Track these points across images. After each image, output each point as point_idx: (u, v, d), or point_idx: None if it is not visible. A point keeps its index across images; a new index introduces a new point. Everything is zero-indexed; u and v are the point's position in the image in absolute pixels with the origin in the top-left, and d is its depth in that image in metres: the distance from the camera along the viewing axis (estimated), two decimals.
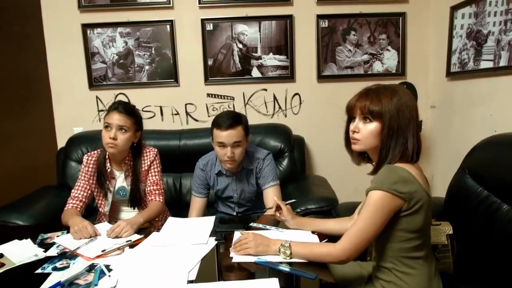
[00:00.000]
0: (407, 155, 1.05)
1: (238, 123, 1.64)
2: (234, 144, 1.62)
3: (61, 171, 2.29)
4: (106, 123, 1.54)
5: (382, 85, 1.13)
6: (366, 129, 1.08)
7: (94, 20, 2.38)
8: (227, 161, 1.65)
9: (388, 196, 1.00)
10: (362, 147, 1.11)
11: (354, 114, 1.12)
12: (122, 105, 1.58)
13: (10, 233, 1.53)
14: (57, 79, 2.47)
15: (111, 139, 1.51)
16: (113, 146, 1.52)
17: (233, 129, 1.61)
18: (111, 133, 1.51)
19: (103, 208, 1.65)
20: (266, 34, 2.44)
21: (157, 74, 2.45)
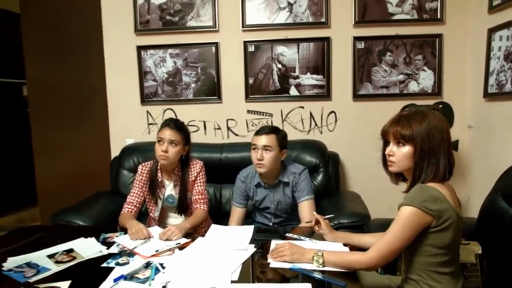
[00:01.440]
0: (439, 175, 1.14)
1: (272, 132, 1.81)
2: (264, 148, 1.78)
3: (115, 178, 2.52)
4: (159, 137, 1.74)
5: (413, 110, 1.23)
6: (400, 152, 1.18)
7: (147, 42, 2.64)
8: (257, 164, 1.81)
9: (418, 212, 1.09)
10: (397, 169, 1.22)
11: (388, 139, 1.22)
12: (173, 122, 1.77)
13: (74, 232, 1.76)
14: (113, 94, 2.74)
15: (163, 152, 1.70)
16: (165, 158, 1.71)
17: (267, 135, 1.79)
18: (163, 147, 1.70)
19: (153, 213, 1.84)
20: (304, 55, 2.57)
21: (202, 91, 2.65)
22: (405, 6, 2.50)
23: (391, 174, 1.28)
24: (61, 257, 1.36)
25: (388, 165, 1.24)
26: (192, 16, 2.59)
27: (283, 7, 2.54)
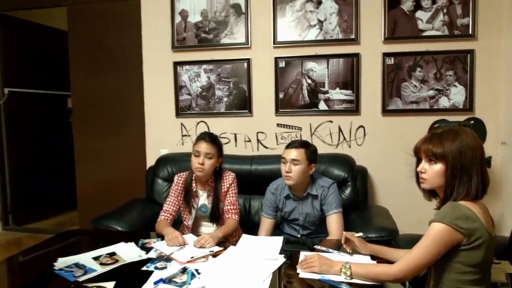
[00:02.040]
0: (471, 193, 1.16)
1: (302, 146, 1.88)
2: (292, 161, 1.84)
3: (150, 186, 2.65)
4: (195, 151, 1.84)
5: (446, 128, 1.26)
6: (432, 170, 1.22)
7: (183, 58, 2.79)
8: (285, 176, 1.87)
9: (449, 230, 1.12)
10: (429, 186, 1.25)
11: (421, 156, 1.26)
12: (208, 136, 1.88)
13: (114, 236, 1.88)
14: (150, 107, 2.90)
15: (200, 165, 1.80)
16: (201, 170, 1.81)
17: (295, 149, 1.86)
18: (199, 159, 1.81)
19: (187, 221, 1.94)
20: (334, 70, 2.63)
21: (234, 105, 2.76)
22: (435, 23, 2.51)
23: (424, 190, 1.31)
24: (105, 259, 1.48)
25: (420, 182, 1.28)
26: (226, 33, 2.72)
27: (313, 24, 2.62)
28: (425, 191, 1.31)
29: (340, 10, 2.58)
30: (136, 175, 3.03)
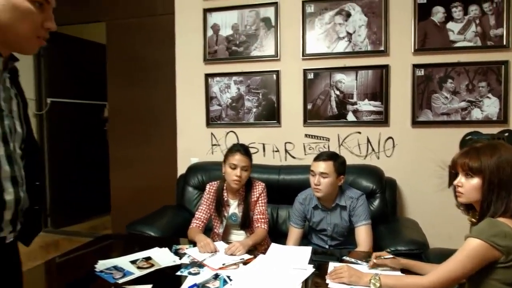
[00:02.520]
0: (510, 209, 1.15)
1: (331, 158, 1.89)
2: (321, 174, 1.86)
3: (181, 193, 2.74)
4: (232, 164, 1.90)
5: (485, 143, 1.26)
6: (468, 183, 1.22)
7: (214, 70, 2.89)
8: (314, 189, 1.89)
9: (485, 246, 1.11)
10: (465, 200, 1.25)
11: (457, 170, 1.26)
12: (244, 149, 1.94)
13: (148, 241, 1.97)
14: (182, 117, 3.01)
15: (237, 177, 1.87)
16: (238, 182, 1.89)
17: (324, 161, 1.88)
18: (237, 172, 1.88)
19: (218, 229, 2.00)
20: (362, 82, 2.65)
21: (262, 115, 2.83)
22: (467, 34, 2.49)
23: (461, 205, 1.31)
24: (142, 263, 1.55)
25: (457, 196, 1.28)
26: (255, 46, 2.80)
27: (342, 36, 2.65)
28: (462, 205, 1.31)
29: (369, 22, 2.60)
30: (167, 183, 3.13)
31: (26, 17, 0.87)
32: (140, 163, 3.39)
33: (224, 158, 1.98)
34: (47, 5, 0.91)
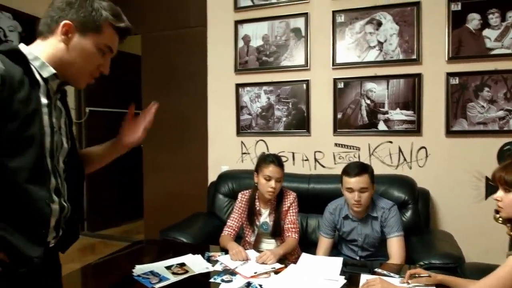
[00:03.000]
0: None
1: (364, 171, 1.88)
2: (361, 190, 1.85)
3: (211, 201, 2.80)
4: (267, 176, 1.93)
5: None
6: (507, 198, 1.20)
7: (245, 80, 2.95)
8: (354, 205, 1.88)
9: None
10: (506, 215, 1.23)
11: (497, 184, 1.24)
12: (278, 160, 1.97)
13: (181, 247, 2.03)
14: (213, 125, 3.09)
15: (272, 189, 1.90)
16: (272, 194, 1.92)
17: (360, 176, 1.85)
18: (272, 184, 1.91)
19: (249, 237, 2.04)
20: (394, 91, 2.62)
21: (292, 125, 2.85)
22: (505, 41, 2.41)
23: (504, 220, 1.28)
24: (176, 269, 1.61)
25: (497, 210, 1.25)
26: (285, 56, 2.84)
27: (373, 45, 2.64)
28: (505, 220, 1.28)
29: (401, 31, 2.58)
30: (197, 189, 3.21)
31: (89, 59, 1.01)
32: (172, 170, 3.49)
33: (257, 168, 2.01)
34: (109, 54, 1.05)
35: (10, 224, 0.87)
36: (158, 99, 3.53)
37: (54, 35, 0.98)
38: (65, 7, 0.97)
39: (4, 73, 0.83)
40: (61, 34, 0.97)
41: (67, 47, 0.98)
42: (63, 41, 0.97)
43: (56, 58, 0.98)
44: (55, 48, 0.98)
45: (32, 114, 0.89)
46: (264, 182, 1.93)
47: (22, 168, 0.87)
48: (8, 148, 0.85)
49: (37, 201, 0.91)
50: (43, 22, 1.00)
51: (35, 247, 0.92)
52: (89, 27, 0.98)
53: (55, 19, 0.97)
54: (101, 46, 1.01)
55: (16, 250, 0.88)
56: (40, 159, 0.91)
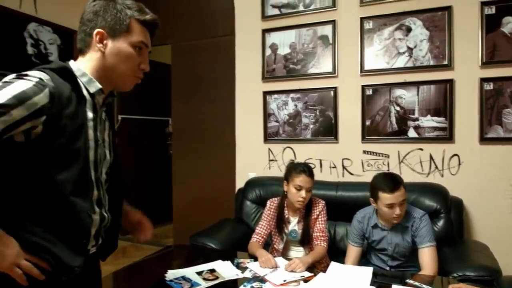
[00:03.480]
0: None
1: (399, 183, 1.84)
2: (401, 202, 1.82)
3: (239, 207, 2.84)
4: (297, 185, 1.93)
5: None
6: None
7: (272, 88, 2.98)
8: (395, 218, 1.84)
9: None
10: None
11: None
12: (308, 170, 1.97)
13: (210, 253, 2.07)
14: (241, 132, 3.13)
15: (302, 198, 1.91)
16: (302, 203, 1.93)
17: (398, 190, 1.81)
18: (302, 194, 1.91)
19: (277, 245, 2.05)
20: (424, 97, 2.57)
21: (320, 132, 2.85)
22: None
23: None
24: (207, 275, 1.64)
25: None
26: (313, 64, 2.85)
27: (402, 52, 2.61)
28: None
29: (431, 36, 2.53)
30: (225, 195, 3.26)
31: (128, 60, 1.03)
32: (200, 176, 3.56)
33: (287, 176, 2.01)
34: (145, 49, 1.07)
35: (53, 234, 0.91)
36: (187, 106, 3.66)
37: (91, 47, 1.02)
38: (93, 17, 1.01)
39: (53, 90, 0.87)
40: (97, 43, 1.00)
41: (105, 55, 1.01)
42: (100, 50, 1.01)
43: (99, 68, 1.02)
44: (95, 59, 1.02)
45: (78, 129, 0.93)
46: (295, 191, 1.93)
47: (67, 180, 0.91)
48: (55, 161, 0.90)
49: (80, 213, 0.95)
50: (79, 39, 1.04)
51: (76, 256, 0.96)
52: (118, 29, 1.01)
53: (88, 32, 1.01)
54: (135, 44, 1.03)
55: (58, 260, 0.92)
56: (85, 172, 0.96)
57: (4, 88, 0.81)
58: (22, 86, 0.83)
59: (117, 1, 1.02)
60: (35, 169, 0.88)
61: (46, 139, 0.87)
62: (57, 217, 0.92)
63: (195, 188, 3.60)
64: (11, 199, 0.88)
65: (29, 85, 0.84)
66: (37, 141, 0.87)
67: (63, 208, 0.92)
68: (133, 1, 1.05)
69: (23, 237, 0.87)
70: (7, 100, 0.79)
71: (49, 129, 0.87)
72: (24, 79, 0.85)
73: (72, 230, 0.95)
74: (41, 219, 0.90)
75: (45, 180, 0.89)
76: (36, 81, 0.85)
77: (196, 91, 3.55)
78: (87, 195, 0.98)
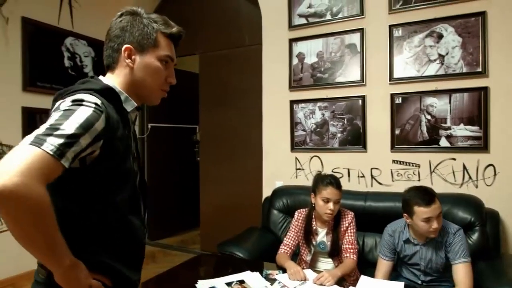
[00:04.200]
0: None
1: (434, 195, 1.80)
2: (438, 215, 1.77)
3: (266, 216, 2.84)
4: (325, 198, 1.92)
5: None
6: None
7: (299, 97, 2.98)
8: (432, 232, 1.78)
9: None
10: None
11: None
12: (336, 182, 1.96)
13: (238, 263, 2.09)
14: (268, 141, 3.15)
15: (331, 211, 1.90)
16: (331, 215, 1.92)
17: (434, 203, 1.76)
18: (330, 206, 1.90)
19: (306, 256, 2.04)
20: (457, 105, 2.50)
21: (347, 141, 2.82)
22: None
23: None
24: (236, 286, 1.66)
25: None
26: (340, 72, 2.83)
27: (433, 59, 2.55)
28: None
29: (464, 43, 2.47)
30: (252, 203, 3.28)
31: (155, 74, 1.03)
32: (227, 182, 3.61)
33: (314, 189, 2.00)
34: (171, 63, 1.07)
35: (115, 252, 0.94)
36: (214, 114, 3.72)
37: (119, 63, 1.01)
38: (120, 33, 1.00)
39: (107, 115, 0.87)
40: (125, 59, 1.00)
41: (133, 70, 1.01)
42: (128, 66, 1.00)
43: (128, 84, 1.01)
44: (124, 75, 1.01)
45: (126, 149, 0.95)
46: (322, 203, 1.93)
47: (124, 200, 0.94)
48: (112, 183, 0.92)
49: (138, 230, 0.99)
50: (106, 55, 1.03)
51: (135, 271, 1.00)
52: (146, 44, 1.00)
53: (115, 48, 1.01)
54: (162, 58, 1.02)
55: (122, 276, 0.95)
56: (135, 190, 0.99)
57: (69, 117, 0.80)
58: (84, 113, 0.82)
59: (143, 16, 1.02)
60: (93, 193, 0.90)
61: (101, 163, 0.88)
62: (118, 236, 0.95)
63: (222, 195, 3.65)
64: (73, 224, 0.89)
65: (90, 111, 0.83)
66: (92, 165, 0.87)
67: (123, 227, 0.95)
68: (158, 15, 1.05)
69: (86, 257, 0.88)
70: (76, 130, 0.78)
71: (104, 153, 0.87)
72: (83, 106, 0.84)
73: (132, 247, 0.99)
74: (103, 239, 0.93)
75: (104, 202, 0.91)
76: (94, 107, 0.85)
77: (223, 100, 3.60)
78: (139, 212, 1.02)
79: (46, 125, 0.78)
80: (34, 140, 0.74)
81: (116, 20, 1.02)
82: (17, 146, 0.73)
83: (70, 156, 0.77)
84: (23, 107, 2.96)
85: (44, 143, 0.73)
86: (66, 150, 0.76)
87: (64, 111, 0.82)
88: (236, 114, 3.51)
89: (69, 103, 0.85)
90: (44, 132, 0.76)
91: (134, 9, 1.03)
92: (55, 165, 0.74)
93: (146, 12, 1.04)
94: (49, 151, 0.73)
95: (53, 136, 0.75)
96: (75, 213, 0.89)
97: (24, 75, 2.96)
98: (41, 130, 0.77)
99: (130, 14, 1.02)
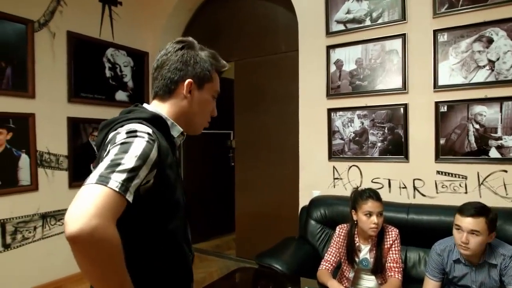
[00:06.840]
0: None
1: (481, 214, 1.69)
2: (471, 232, 1.68)
3: (303, 226, 2.81)
4: (367, 211, 1.88)
5: None
6: None
7: (337, 105, 2.91)
8: (461, 246, 1.72)
9: None
10: None
11: None
12: (375, 194, 1.92)
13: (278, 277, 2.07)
14: (305, 150, 3.10)
15: (375, 224, 1.85)
16: (376, 229, 1.86)
17: (474, 217, 1.68)
18: (373, 219, 1.86)
19: (348, 273, 1.99)
20: (509, 114, 2.35)
21: (388, 150, 2.73)
22: None
23: None
24: None
25: None
26: (381, 79, 2.74)
27: (482, 65, 2.41)
28: None
29: None
30: (288, 211, 3.26)
31: (207, 108, 1.08)
32: (262, 189, 3.60)
33: (354, 205, 1.95)
34: (216, 97, 1.11)
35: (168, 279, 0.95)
36: (249, 120, 3.73)
37: (174, 94, 1.03)
38: (183, 67, 1.01)
39: (158, 143, 0.88)
40: (186, 92, 1.02)
41: (190, 103, 1.03)
42: (186, 98, 1.02)
43: (181, 115, 1.03)
44: (178, 106, 1.03)
45: (177, 177, 0.96)
46: (365, 218, 1.87)
47: (178, 227, 0.95)
48: (165, 212, 0.93)
49: (188, 256, 1.00)
50: (160, 85, 1.04)
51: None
52: (204, 79, 1.04)
53: (175, 80, 1.02)
54: (214, 93, 1.07)
55: None
56: (184, 217, 1.00)
57: (129, 151, 0.80)
58: (140, 145, 0.82)
59: (201, 51, 1.05)
60: (148, 222, 0.91)
61: (154, 192, 0.88)
62: (171, 263, 0.96)
63: (257, 201, 3.65)
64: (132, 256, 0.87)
65: (144, 142, 0.84)
66: (146, 195, 0.87)
67: (177, 254, 0.97)
68: (209, 50, 1.08)
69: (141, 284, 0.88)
70: (135, 163, 0.79)
71: (157, 182, 0.88)
72: (138, 137, 0.84)
73: (183, 273, 1.00)
74: (158, 266, 0.94)
75: (158, 231, 0.92)
76: (148, 137, 0.86)
77: (258, 106, 3.59)
78: (188, 239, 1.03)
79: (107, 161, 0.78)
80: (99, 178, 0.74)
81: (175, 51, 1.03)
82: (85, 186, 0.74)
83: (133, 190, 0.78)
84: (68, 117, 3.09)
85: (110, 181, 0.74)
86: (129, 184, 0.77)
87: (121, 145, 0.82)
88: (272, 121, 3.49)
89: (124, 135, 0.85)
90: (107, 169, 0.76)
91: (192, 42, 1.06)
92: (121, 202, 0.75)
93: (200, 45, 1.07)
94: (115, 188, 0.74)
95: (116, 172, 0.76)
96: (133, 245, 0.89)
97: (70, 87, 3.09)
98: (103, 166, 0.77)
99: (190, 48, 1.04)
